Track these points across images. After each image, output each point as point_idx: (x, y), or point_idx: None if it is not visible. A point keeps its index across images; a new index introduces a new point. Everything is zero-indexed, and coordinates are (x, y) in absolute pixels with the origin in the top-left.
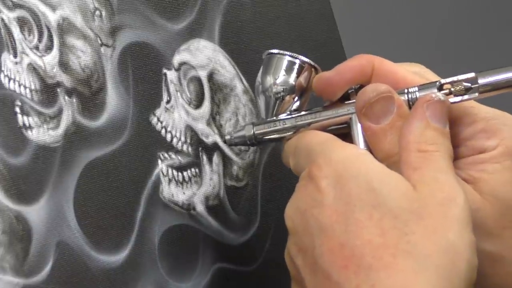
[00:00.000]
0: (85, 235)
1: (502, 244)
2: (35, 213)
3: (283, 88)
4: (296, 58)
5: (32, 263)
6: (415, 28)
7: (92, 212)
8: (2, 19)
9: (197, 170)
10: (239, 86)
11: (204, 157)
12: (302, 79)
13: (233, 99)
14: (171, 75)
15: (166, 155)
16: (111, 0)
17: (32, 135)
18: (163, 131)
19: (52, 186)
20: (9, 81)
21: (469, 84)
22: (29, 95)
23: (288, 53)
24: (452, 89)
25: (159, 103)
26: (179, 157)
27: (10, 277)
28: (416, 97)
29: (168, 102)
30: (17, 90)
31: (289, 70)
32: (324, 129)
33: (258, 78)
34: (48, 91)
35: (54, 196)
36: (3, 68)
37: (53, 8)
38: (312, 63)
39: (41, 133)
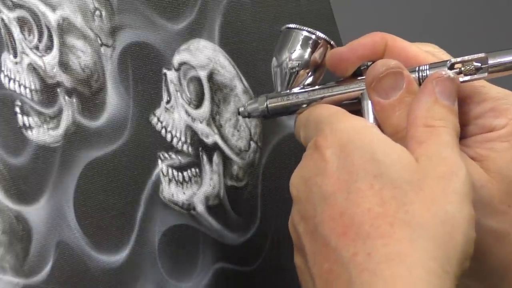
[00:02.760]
0: (85, 235)
1: (508, 222)
2: (35, 213)
3: (298, 63)
4: (312, 33)
5: (32, 263)
6: (415, 28)
7: (92, 212)
8: (2, 19)
9: (197, 170)
10: (239, 86)
11: (204, 157)
12: (317, 54)
13: (233, 99)
14: (171, 75)
15: (166, 155)
16: (111, 0)
17: (32, 135)
18: (163, 131)
19: (52, 186)
20: (9, 81)
21: (479, 64)
22: (29, 95)
23: (305, 28)
24: (463, 68)
25: (159, 103)
26: (179, 157)
27: (10, 277)
28: (426, 75)
29: (168, 102)
30: (17, 90)
31: (304, 45)
32: (336, 104)
33: (274, 52)
34: (48, 91)
35: (54, 196)
36: (3, 68)
37: (53, 8)
38: (327, 39)
39: (41, 133)
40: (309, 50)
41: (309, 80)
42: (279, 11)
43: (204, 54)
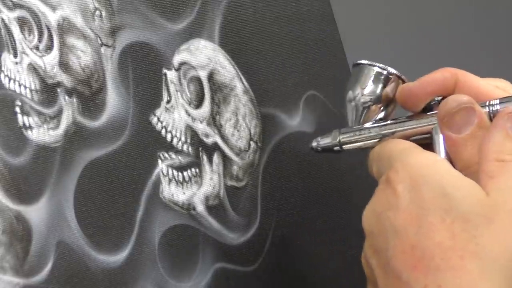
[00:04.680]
0: (85, 235)
1: None
2: (35, 213)
3: (370, 98)
4: (384, 69)
5: (32, 263)
6: (415, 28)
7: (92, 212)
8: (2, 19)
9: (197, 170)
10: (239, 86)
11: (204, 157)
12: (388, 89)
13: (233, 99)
14: (171, 75)
15: (166, 155)
16: (111, 0)
17: (32, 135)
18: (163, 131)
19: (52, 186)
20: (9, 81)
21: None
22: (29, 95)
23: (377, 64)
24: None
25: (159, 103)
26: (179, 157)
27: (10, 277)
28: (497, 109)
29: (168, 102)
30: (17, 90)
31: (376, 80)
32: (407, 138)
33: (347, 88)
34: (48, 91)
35: (54, 196)
36: (3, 68)
37: (53, 8)
38: (399, 74)
39: (41, 133)
40: (380, 85)
41: (381, 115)
42: (279, 11)
43: (204, 54)
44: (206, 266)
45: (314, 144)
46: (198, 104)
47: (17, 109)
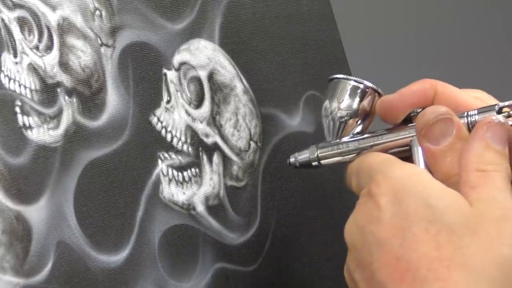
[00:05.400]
0: (85, 235)
1: None
2: (35, 213)
3: (347, 112)
4: (360, 83)
5: (32, 263)
6: (415, 28)
7: (92, 212)
8: (2, 19)
9: (197, 170)
10: (239, 86)
11: (204, 157)
12: (365, 103)
13: (233, 99)
14: (171, 75)
15: (166, 155)
16: (111, 0)
17: (32, 135)
18: (163, 131)
19: (52, 186)
20: (9, 81)
21: None
22: (29, 95)
23: (352, 78)
24: (511, 112)
25: (159, 103)
26: (179, 157)
27: (10, 277)
28: (475, 120)
29: (168, 102)
30: (17, 90)
31: (353, 94)
32: (386, 151)
33: (324, 102)
34: (48, 91)
35: (54, 196)
36: (3, 68)
37: (53, 8)
38: (375, 87)
39: (41, 133)
40: (357, 99)
41: (359, 128)
42: (279, 11)
43: (204, 54)
44: (206, 266)
45: (292, 159)
46: (198, 104)
47: (17, 109)
